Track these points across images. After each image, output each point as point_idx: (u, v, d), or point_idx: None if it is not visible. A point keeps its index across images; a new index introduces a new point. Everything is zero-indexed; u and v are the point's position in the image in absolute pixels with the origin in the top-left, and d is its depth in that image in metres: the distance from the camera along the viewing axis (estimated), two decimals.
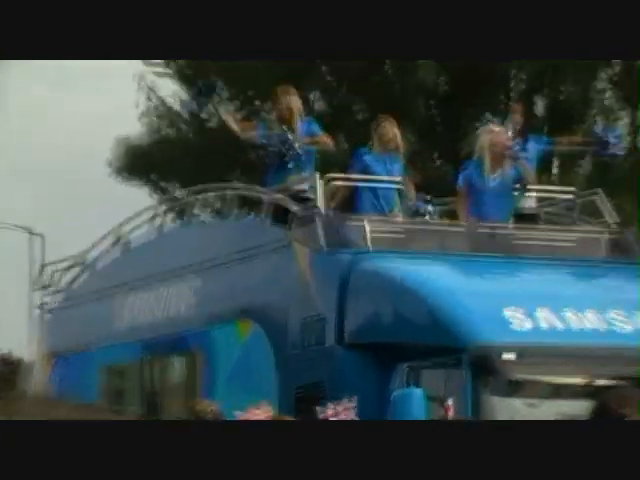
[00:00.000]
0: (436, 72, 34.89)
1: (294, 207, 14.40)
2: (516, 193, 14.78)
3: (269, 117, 15.21)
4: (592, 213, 15.72)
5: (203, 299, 15.36)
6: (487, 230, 14.16)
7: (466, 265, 13.52)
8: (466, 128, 32.39)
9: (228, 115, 15.59)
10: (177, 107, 37.52)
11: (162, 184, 37.41)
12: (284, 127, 14.97)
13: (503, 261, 13.56)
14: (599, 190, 15.93)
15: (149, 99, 37.74)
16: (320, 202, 13.87)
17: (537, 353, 12.06)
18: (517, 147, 14.59)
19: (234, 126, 15.94)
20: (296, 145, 14.60)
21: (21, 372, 21.13)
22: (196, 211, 17.29)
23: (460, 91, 36.61)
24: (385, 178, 14.96)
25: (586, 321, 12.45)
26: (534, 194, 15.25)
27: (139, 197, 36.99)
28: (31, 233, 51.79)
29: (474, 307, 12.41)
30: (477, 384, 11.73)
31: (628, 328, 12.74)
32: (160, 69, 37.22)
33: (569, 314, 12.48)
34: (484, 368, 11.76)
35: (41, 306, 19.48)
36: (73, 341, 17.89)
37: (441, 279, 13.03)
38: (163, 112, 38.28)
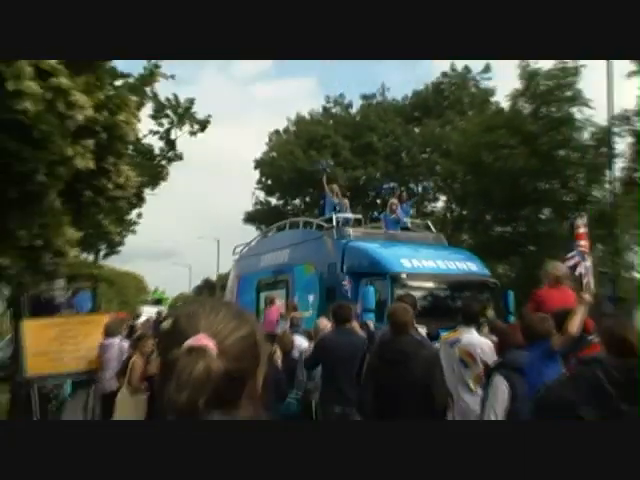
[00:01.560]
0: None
1: (325, 225, 15.70)
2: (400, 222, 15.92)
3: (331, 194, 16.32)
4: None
5: (293, 256, 16.46)
6: (393, 233, 15.53)
7: (387, 244, 14.55)
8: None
9: (329, 186, 16.62)
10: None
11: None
12: (336, 199, 16.20)
13: (400, 243, 14.83)
14: (428, 221, 17.48)
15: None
16: (334, 223, 15.19)
17: (415, 275, 13.21)
18: (397, 208, 15.85)
19: (326, 188, 16.84)
20: (338, 208, 15.83)
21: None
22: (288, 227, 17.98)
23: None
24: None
25: (438, 264, 13.73)
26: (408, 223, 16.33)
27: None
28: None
29: (390, 258, 13.58)
30: (392, 287, 12.81)
31: (457, 267, 13.89)
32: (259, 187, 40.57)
33: (425, 261, 13.74)
34: (395, 280, 12.91)
35: (236, 260, 20.27)
36: (247, 270, 18.66)
37: (378, 248, 14.06)
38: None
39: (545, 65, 30.92)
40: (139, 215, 32.39)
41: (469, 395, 6.50)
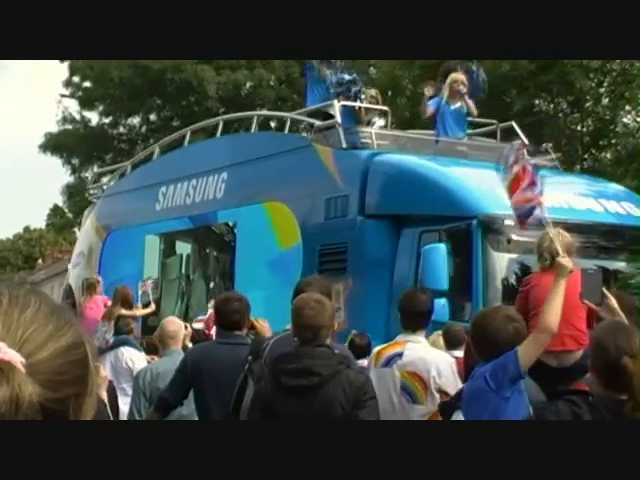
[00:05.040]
0: None
1: (314, 121, 12.73)
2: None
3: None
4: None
5: (237, 187, 13.36)
6: (454, 142, 12.88)
7: (449, 162, 11.91)
8: None
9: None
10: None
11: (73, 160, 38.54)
12: (328, 72, 12.91)
13: (482, 164, 11.73)
14: (512, 122, 14.77)
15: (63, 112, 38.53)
16: (338, 118, 12.14)
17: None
18: (465, 90, 12.83)
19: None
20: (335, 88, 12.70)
21: None
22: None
23: None
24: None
25: (561, 201, 11.06)
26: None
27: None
28: None
29: (477, 187, 11.04)
30: (485, 244, 10.48)
31: (610, 210, 11.51)
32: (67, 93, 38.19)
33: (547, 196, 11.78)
34: (492, 231, 10.49)
35: (96, 202, 17.15)
36: (122, 220, 15.65)
37: (447, 168, 11.52)
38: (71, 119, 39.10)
39: None
40: None
41: None
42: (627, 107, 30.71)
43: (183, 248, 14.56)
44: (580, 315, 7.00)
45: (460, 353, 7.14)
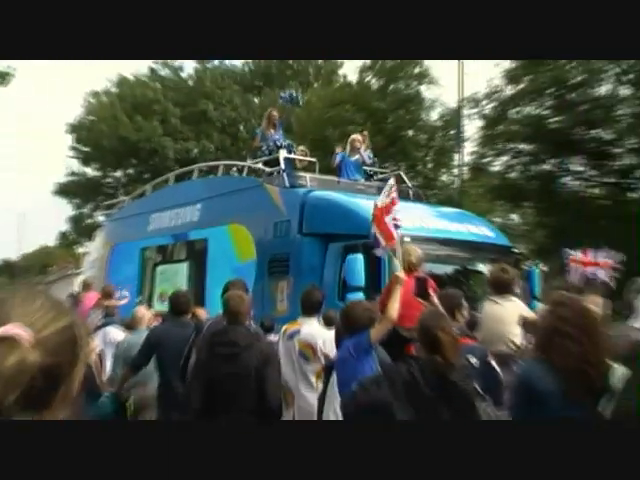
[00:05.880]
0: None
1: (265, 168, 11.61)
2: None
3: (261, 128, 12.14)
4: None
5: (208, 213, 12.14)
6: (363, 185, 11.78)
7: (360, 197, 10.73)
8: None
9: (268, 113, 12.25)
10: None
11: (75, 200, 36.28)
12: (272, 131, 11.82)
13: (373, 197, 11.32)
14: (400, 171, 13.62)
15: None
16: (282, 166, 11.16)
17: (421, 239, 9.33)
18: (361, 147, 12.03)
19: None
20: (279, 144, 11.65)
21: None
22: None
23: None
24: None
25: (447, 226, 10.30)
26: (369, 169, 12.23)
27: None
28: None
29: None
30: (389, 255, 9.19)
31: (470, 231, 10.54)
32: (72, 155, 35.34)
33: (428, 221, 10.17)
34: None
35: (104, 224, 15.96)
36: (124, 237, 14.28)
37: (361, 202, 10.24)
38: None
39: None
40: None
41: (310, 392, 6.33)
42: (443, 169, 30.13)
43: (168, 257, 13.14)
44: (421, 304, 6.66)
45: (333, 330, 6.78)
